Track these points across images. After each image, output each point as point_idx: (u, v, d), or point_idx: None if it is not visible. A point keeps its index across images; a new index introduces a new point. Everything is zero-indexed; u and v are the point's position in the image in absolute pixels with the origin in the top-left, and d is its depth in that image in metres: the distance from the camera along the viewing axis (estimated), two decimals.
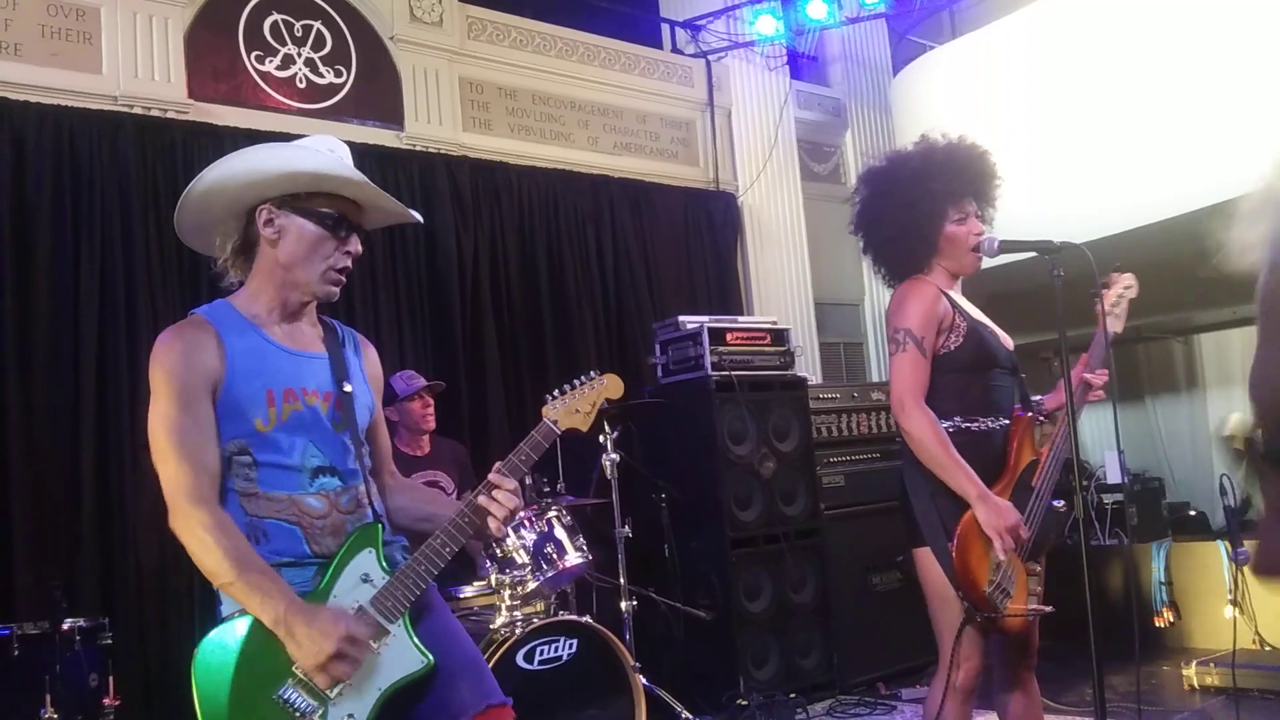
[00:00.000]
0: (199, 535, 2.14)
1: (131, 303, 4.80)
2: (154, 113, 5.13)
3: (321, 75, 5.76)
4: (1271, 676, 5.16)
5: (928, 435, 2.94)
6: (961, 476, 2.90)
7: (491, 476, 2.37)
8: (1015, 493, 2.97)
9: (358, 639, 2.15)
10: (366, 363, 2.54)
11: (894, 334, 3.05)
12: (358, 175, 2.37)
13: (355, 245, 2.40)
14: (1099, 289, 3.12)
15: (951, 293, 3.15)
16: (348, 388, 2.40)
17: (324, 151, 2.39)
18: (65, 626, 3.88)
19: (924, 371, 2.99)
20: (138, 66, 5.14)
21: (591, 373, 2.58)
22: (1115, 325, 3.13)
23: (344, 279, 2.42)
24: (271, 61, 5.59)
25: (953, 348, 3.04)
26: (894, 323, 3.07)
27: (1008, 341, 3.20)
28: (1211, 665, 5.33)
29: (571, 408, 2.51)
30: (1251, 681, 5.15)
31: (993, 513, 2.85)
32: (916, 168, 3.19)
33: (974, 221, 3.14)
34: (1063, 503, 2.91)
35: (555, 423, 2.48)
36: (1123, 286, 3.19)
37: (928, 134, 3.27)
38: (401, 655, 2.24)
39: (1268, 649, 5.84)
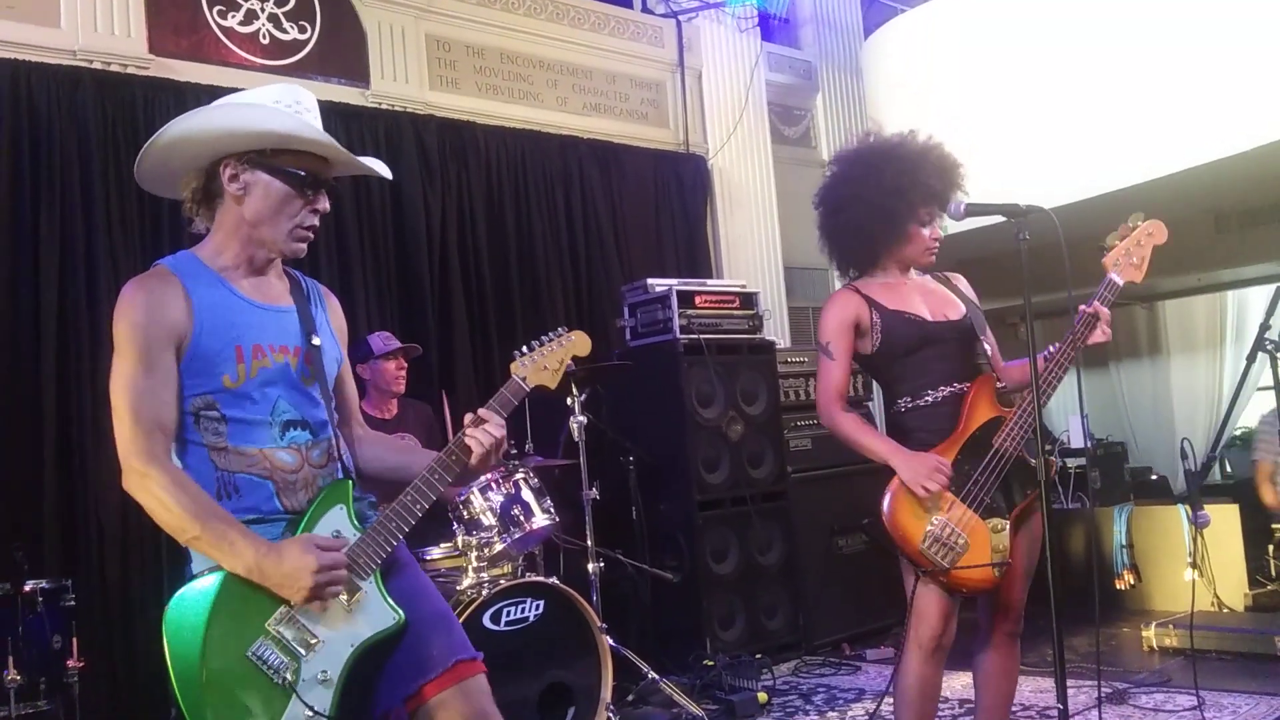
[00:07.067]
0: (155, 495, 2.13)
1: (92, 262, 4.72)
2: (114, 68, 5.03)
3: (285, 31, 5.66)
4: (1229, 638, 5.25)
5: (845, 430, 3.12)
6: (877, 445, 3.07)
7: (475, 421, 2.36)
8: (967, 450, 3.00)
9: (330, 564, 2.14)
10: (331, 314, 2.52)
11: (817, 344, 3.25)
12: (325, 136, 2.33)
13: (323, 203, 2.36)
14: (1120, 236, 3.10)
15: (879, 292, 3.18)
16: (316, 341, 2.38)
17: (290, 105, 2.34)
18: (28, 588, 3.87)
19: (839, 374, 3.18)
20: (97, 20, 5.02)
21: (560, 329, 2.55)
22: (1135, 275, 3.09)
23: (311, 236, 2.38)
24: (234, 17, 5.49)
25: (878, 346, 3.15)
26: (817, 337, 3.27)
27: (951, 311, 3.19)
28: (1170, 627, 5.41)
29: (540, 365, 2.48)
30: (1209, 643, 5.24)
31: (903, 465, 2.97)
32: (913, 158, 3.19)
33: (935, 226, 3.21)
34: (1035, 460, 2.92)
35: (524, 380, 2.46)
36: (1144, 234, 3.10)
37: (914, 130, 3.28)
38: (373, 612, 2.24)
39: (1225, 611, 5.95)
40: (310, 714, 2.12)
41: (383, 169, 2.50)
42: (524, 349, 2.50)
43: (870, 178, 3.19)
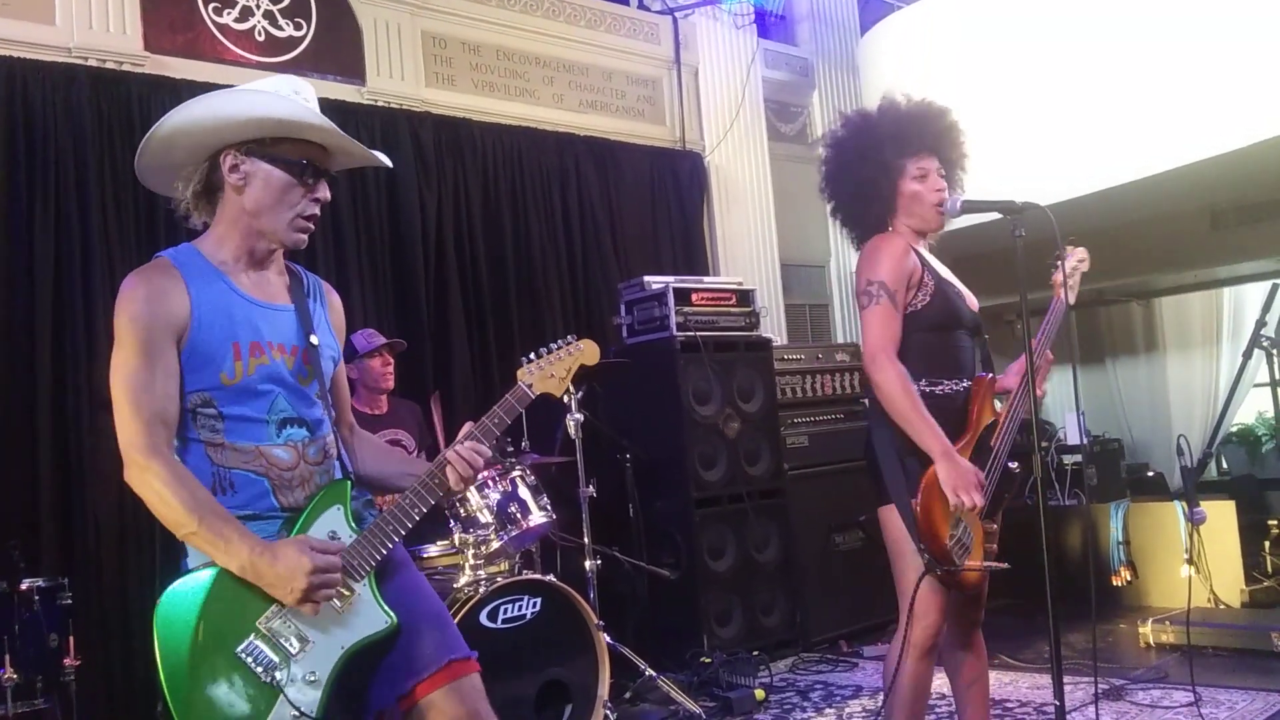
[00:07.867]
0: (155, 488, 2.12)
1: (87, 259, 4.71)
2: (109, 65, 5.02)
3: (281, 28, 5.65)
4: (1225, 634, 5.26)
5: (897, 390, 2.93)
6: (928, 433, 2.90)
7: (466, 439, 2.36)
8: (975, 453, 2.99)
9: (325, 566, 2.13)
10: (331, 311, 2.52)
11: (866, 287, 3.03)
12: (325, 121, 2.32)
13: (324, 192, 2.36)
14: (1056, 258, 3.13)
15: (921, 250, 3.16)
16: (314, 340, 2.37)
17: (289, 95, 2.33)
18: (24, 586, 3.87)
19: (896, 325, 3.00)
20: (92, 18, 5.02)
21: (569, 337, 2.56)
22: (1071, 298, 3.14)
23: (312, 226, 2.37)
24: (229, 13, 5.48)
25: (920, 306, 3.04)
26: (865, 275, 3.04)
27: (973, 302, 3.20)
28: (1167, 623, 5.42)
29: (547, 372, 2.48)
30: (1206, 639, 5.24)
31: (954, 471, 2.86)
32: (871, 122, 3.23)
33: (935, 178, 3.13)
34: (1017, 465, 2.94)
35: (530, 386, 2.46)
36: (1076, 260, 3.19)
37: (889, 94, 3.27)
38: (365, 615, 2.23)
39: (1222, 607, 5.96)
40: (296, 715, 2.11)
41: (381, 157, 2.50)
42: (531, 355, 2.49)
43: (848, 147, 3.25)
